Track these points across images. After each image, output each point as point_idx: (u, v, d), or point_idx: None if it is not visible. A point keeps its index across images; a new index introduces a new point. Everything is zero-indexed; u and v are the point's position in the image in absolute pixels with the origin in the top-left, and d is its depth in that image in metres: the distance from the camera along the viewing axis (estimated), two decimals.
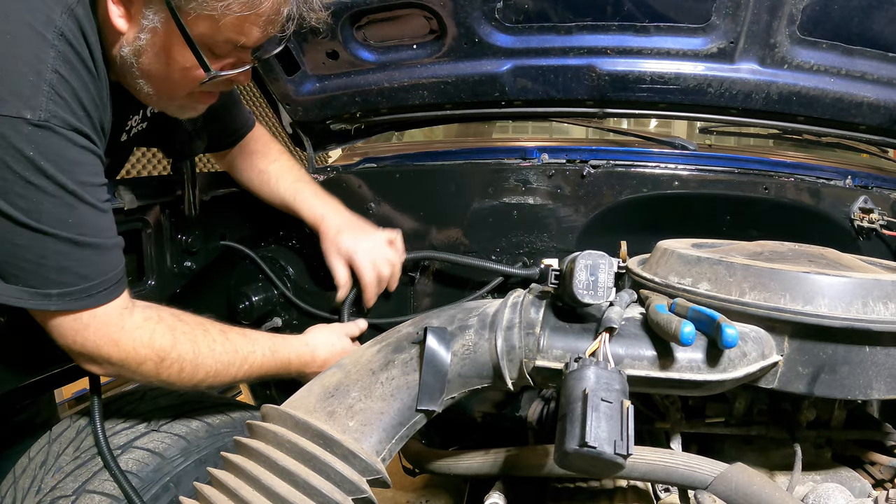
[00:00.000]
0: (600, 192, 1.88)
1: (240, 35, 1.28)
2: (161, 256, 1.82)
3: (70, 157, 1.16)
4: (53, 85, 1.13)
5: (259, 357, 1.47)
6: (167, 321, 1.34)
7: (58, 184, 1.14)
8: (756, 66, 1.76)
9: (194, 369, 1.35)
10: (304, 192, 1.89)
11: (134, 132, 1.63)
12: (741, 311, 1.13)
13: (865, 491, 1.32)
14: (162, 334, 1.31)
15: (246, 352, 1.44)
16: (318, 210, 1.85)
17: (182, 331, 1.35)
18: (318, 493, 1.04)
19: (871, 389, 1.10)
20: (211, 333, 1.40)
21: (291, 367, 1.55)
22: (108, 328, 1.25)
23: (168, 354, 1.31)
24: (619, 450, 0.90)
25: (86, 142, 1.19)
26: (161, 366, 1.31)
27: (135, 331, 1.28)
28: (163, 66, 1.29)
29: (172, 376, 1.33)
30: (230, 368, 1.41)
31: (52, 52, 1.13)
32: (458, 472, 1.50)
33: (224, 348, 1.40)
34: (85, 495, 1.38)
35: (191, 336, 1.36)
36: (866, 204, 1.84)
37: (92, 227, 1.20)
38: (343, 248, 1.78)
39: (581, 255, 1.10)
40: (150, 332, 1.29)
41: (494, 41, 1.85)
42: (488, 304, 1.28)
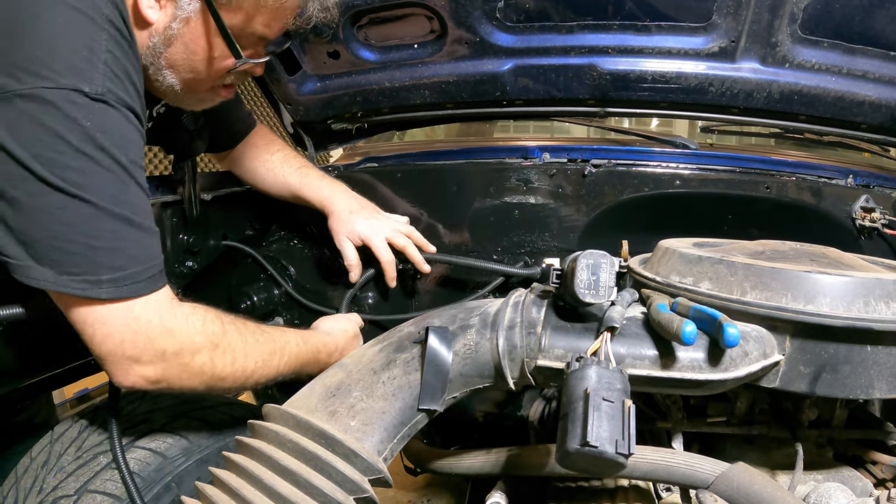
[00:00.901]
0: (602, 191, 1.88)
1: (265, 28, 1.34)
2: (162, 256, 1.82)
3: (125, 133, 1.14)
4: (108, 63, 1.12)
5: (294, 347, 1.42)
6: (212, 312, 1.28)
7: (113, 158, 1.10)
8: (757, 65, 1.76)
9: (245, 359, 1.29)
10: (309, 176, 1.89)
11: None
12: (743, 311, 1.13)
13: (867, 490, 1.32)
14: (212, 321, 1.25)
15: (283, 342, 1.40)
16: (326, 192, 1.85)
17: (227, 321, 1.30)
18: (319, 493, 1.04)
19: (873, 389, 1.10)
20: (248, 326, 1.35)
21: (321, 357, 1.50)
22: (162, 317, 1.17)
23: (220, 341, 1.25)
24: (620, 449, 0.90)
25: (137, 123, 1.18)
26: (215, 354, 1.24)
27: (188, 317, 1.21)
28: (191, 56, 1.32)
29: (227, 367, 1.26)
30: (273, 358, 1.36)
31: (104, 34, 1.13)
32: (459, 471, 1.50)
33: (264, 338, 1.36)
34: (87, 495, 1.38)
35: (234, 325, 1.31)
36: (868, 203, 1.83)
37: (141, 209, 1.16)
38: (356, 228, 1.77)
39: (582, 254, 1.10)
40: (201, 319, 1.24)
41: (495, 40, 1.85)
42: (490, 304, 1.28)
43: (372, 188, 2.09)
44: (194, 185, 1.83)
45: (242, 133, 1.94)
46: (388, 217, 1.85)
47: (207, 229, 1.97)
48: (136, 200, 1.15)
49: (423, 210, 2.04)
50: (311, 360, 1.47)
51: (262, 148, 1.96)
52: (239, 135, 1.93)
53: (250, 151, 1.95)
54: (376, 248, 1.77)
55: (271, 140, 1.99)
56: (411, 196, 2.06)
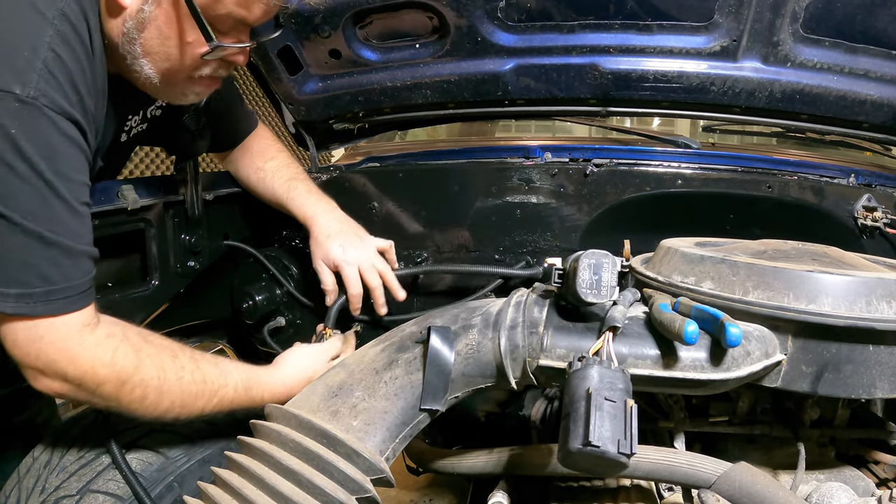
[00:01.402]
0: (603, 190, 1.88)
1: (240, 8, 1.26)
2: (164, 256, 1.83)
3: (53, 143, 1.10)
4: (48, 63, 1.08)
5: (230, 392, 1.35)
6: (132, 340, 1.23)
7: (34, 170, 1.06)
8: (759, 65, 1.76)
9: (158, 397, 1.24)
10: (297, 190, 1.84)
11: (134, 133, 1.62)
12: (745, 310, 1.13)
13: (869, 490, 1.32)
14: (125, 354, 1.20)
15: (217, 385, 1.33)
16: (309, 210, 1.79)
17: (148, 353, 1.24)
18: (321, 493, 1.04)
19: (875, 388, 1.10)
20: (180, 360, 1.29)
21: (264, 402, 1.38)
22: (65, 342, 1.14)
23: (131, 377, 1.19)
24: (622, 449, 0.90)
25: (73, 131, 1.14)
26: (122, 389, 1.19)
27: (95, 348, 1.17)
28: (164, 42, 1.26)
29: (135, 402, 1.22)
30: (198, 401, 1.30)
31: (51, 30, 1.10)
32: (461, 471, 1.50)
33: (193, 377, 1.29)
34: (89, 495, 1.38)
35: (157, 360, 1.24)
36: (870, 202, 1.83)
37: (62, 226, 1.12)
38: (331, 255, 1.71)
39: (584, 254, 1.10)
40: (112, 351, 1.18)
41: (497, 40, 1.85)
42: (492, 304, 1.28)
43: (373, 188, 2.09)
44: (196, 185, 1.83)
45: (242, 134, 1.93)
46: (366, 244, 1.77)
47: (209, 229, 1.97)
48: (58, 217, 1.12)
49: (424, 210, 2.04)
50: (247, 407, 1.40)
51: (257, 154, 1.93)
52: (239, 135, 1.92)
53: (245, 157, 1.93)
54: (345, 278, 1.71)
55: (267, 146, 1.95)
56: (413, 196, 2.05)
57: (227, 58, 1.37)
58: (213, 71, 1.38)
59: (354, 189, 2.11)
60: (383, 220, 2.07)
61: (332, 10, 1.85)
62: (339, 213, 1.82)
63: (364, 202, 2.09)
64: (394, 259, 1.84)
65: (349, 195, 2.11)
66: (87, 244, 1.18)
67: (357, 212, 2.07)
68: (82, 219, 1.16)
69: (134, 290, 1.77)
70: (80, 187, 1.16)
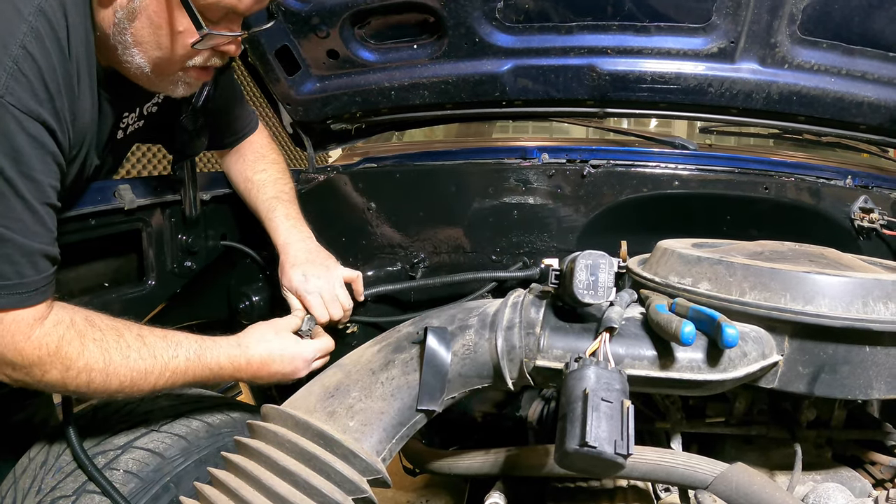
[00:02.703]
0: (600, 191, 1.88)
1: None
2: (161, 256, 1.82)
3: (17, 143, 1.10)
4: (18, 61, 1.08)
5: (182, 362, 1.34)
6: (78, 326, 1.23)
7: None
8: (756, 66, 1.76)
9: (105, 379, 1.24)
10: (276, 212, 1.81)
11: (130, 130, 1.61)
12: (741, 311, 1.13)
13: (866, 491, 1.32)
14: (69, 342, 1.20)
15: (167, 357, 1.31)
16: (281, 236, 1.78)
17: (92, 337, 1.24)
18: (318, 493, 1.04)
19: (872, 389, 1.10)
20: (126, 339, 1.28)
21: (224, 372, 1.42)
22: (14, 336, 1.15)
23: (74, 363, 1.20)
24: (619, 449, 0.90)
25: (40, 131, 1.13)
26: (67, 375, 1.21)
27: (42, 339, 1.18)
28: (156, 31, 1.26)
29: (81, 386, 1.23)
30: (148, 377, 1.29)
31: (25, 26, 1.09)
32: (458, 471, 1.50)
33: (140, 355, 1.28)
34: (85, 495, 1.38)
35: (102, 343, 1.24)
36: (866, 203, 1.84)
37: (19, 224, 1.12)
38: (294, 283, 1.68)
39: (581, 254, 1.10)
40: (57, 340, 1.19)
41: (495, 41, 1.85)
42: (488, 304, 1.28)
43: (371, 189, 2.09)
44: (193, 185, 1.83)
45: (243, 135, 1.92)
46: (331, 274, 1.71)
47: (206, 229, 1.97)
48: (14, 214, 1.12)
49: (421, 211, 2.04)
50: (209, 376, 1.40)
51: (249, 164, 1.91)
52: (239, 135, 1.91)
53: (238, 163, 1.92)
54: (309, 307, 1.67)
55: (261, 156, 1.93)
56: (410, 197, 2.05)
57: (219, 48, 1.36)
58: (205, 61, 1.37)
59: (351, 190, 2.11)
60: (380, 221, 2.07)
61: (329, 11, 1.85)
62: (311, 243, 1.79)
63: (361, 203, 2.09)
64: (360, 290, 1.80)
65: (346, 196, 2.11)
66: (46, 243, 1.19)
67: (354, 212, 2.08)
68: (42, 219, 1.17)
69: (130, 291, 1.77)
70: (43, 188, 1.16)
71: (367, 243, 2.09)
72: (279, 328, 1.54)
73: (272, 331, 1.52)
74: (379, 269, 2.06)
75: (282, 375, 1.50)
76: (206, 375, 1.39)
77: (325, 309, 1.67)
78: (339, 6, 1.83)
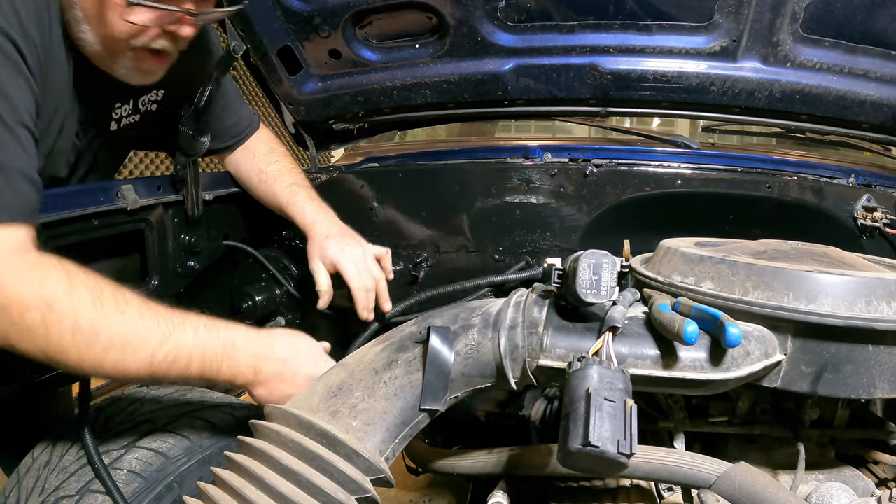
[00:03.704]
0: (603, 190, 1.88)
1: None
2: (164, 256, 1.83)
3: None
4: None
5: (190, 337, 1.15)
6: (68, 267, 1.08)
7: None
8: (759, 65, 1.76)
9: (93, 329, 1.05)
10: (298, 196, 1.83)
11: (125, 123, 1.60)
12: (744, 310, 1.13)
13: (869, 490, 1.32)
14: (57, 280, 1.05)
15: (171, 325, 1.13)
16: (309, 215, 1.78)
17: (82, 280, 1.08)
18: (321, 493, 1.04)
19: (875, 388, 1.10)
20: (125, 295, 1.12)
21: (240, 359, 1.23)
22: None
23: (59, 304, 1.03)
24: (622, 449, 0.90)
25: (10, 49, 1.08)
26: (49, 317, 1.02)
27: (25, 272, 1.03)
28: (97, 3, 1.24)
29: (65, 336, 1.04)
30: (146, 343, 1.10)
31: None
32: (461, 471, 1.50)
33: (140, 312, 1.11)
34: (89, 495, 1.38)
35: (94, 289, 1.08)
36: (870, 202, 1.83)
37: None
38: (328, 253, 1.68)
39: (584, 254, 1.10)
40: (41, 275, 1.04)
41: (497, 40, 1.85)
42: (491, 304, 1.28)
43: (373, 188, 2.09)
44: (196, 185, 1.83)
45: (244, 135, 1.93)
46: (364, 248, 1.73)
47: (209, 229, 1.97)
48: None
49: (424, 210, 2.04)
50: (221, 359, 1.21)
51: (261, 157, 1.92)
52: (241, 136, 1.92)
53: (248, 158, 1.93)
54: (346, 273, 1.65)
55: (271, 149, 1.95)
56: (413, 196, 2.06)
57: (167, 27, 1.31)
58: (150, 41, 1.32)
59: (354, 189, 2.11)
60: (383, 221, 2.07)
61: (331, 11, 1.85)
62: (338, 221, 1.81)
63: (364, 202, 2.09)
64: (389, 267, 1.81)
65: (349, 195, 2.11)
66: (23, 163, 1.09)
67: (357, 212, 2.08)
68: (18, 138, 1.08)
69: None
70: (16, 107, 1.09)
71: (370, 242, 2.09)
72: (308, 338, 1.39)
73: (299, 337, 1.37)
74: None
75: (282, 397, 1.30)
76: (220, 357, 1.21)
77: (361, 277, 1.67)
78: (341, 6, 1.83)
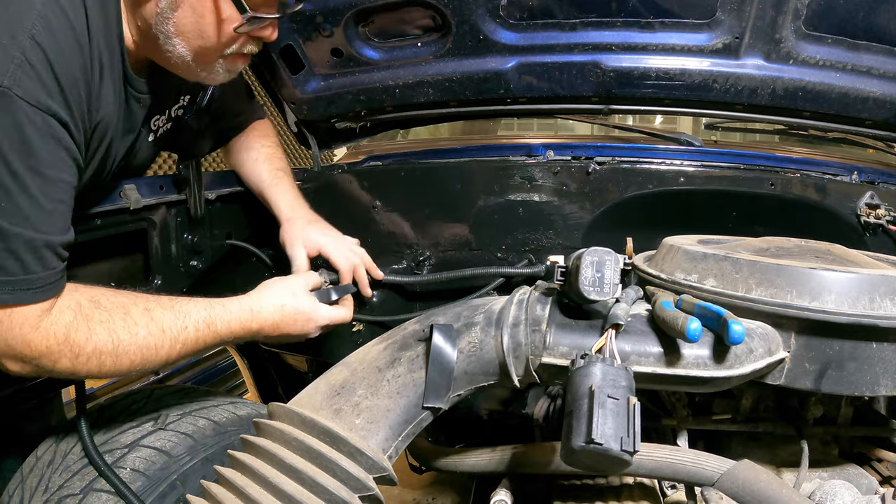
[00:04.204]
0: (606, 188, 1.88)
1: None
2: (167, 256, 1.83)
3: (25, 135, 1.07)
4: (26, 51, 1.06)
5: (192, 333, 1.33)
6: (84, 310, 1.21)
7: (2, 160, 1.05)
8: (761, 62, 1.76)
9: (115, 360, 1.23)
10: (282, 181, 1.87)
11: (161, 132, 1.63)
12: (748, 308, 1.12)
13: (872, 488, 1.31)
14: (77, 328, 1.19)
15: (176, 330, 1.31)
16: (290, 201, 1.83)
17: (99, 319, 1.22)
18: (324, 491, 1.04)
19: (879, 386, 1.10)
20: (132, 316, 1.26)
21: (235, 336, 1.42)
22: (22, 329, 1.14)
23: (83, 349, 1.19)
24: (625, 446, 0.90)
25: (52, 124, 1.11)
26: (77, 362, 1.19)
27: (49, 328, 1.16)
28: (199, 20, 1.29)
29: (93, 370, 1.22)
30: (160, 351, 1.29)
31: (35, 15, 1.07)
32: (464, 469, 1.50)
33: (148, 331, 1.27)
34: (92, 494, 1.38)
35: (109, 325, 1.23)
36: (873, 199, 1.83)
37: (23, 220, 1.10)
38: (311, 237, 1.73)
39: (587, 251, 1.10)
40: (65, 328, 1.17)
41: (499, 38, 1.85)
42: (494, 302, 1.28)
43: (376, 187, 2.09)
44: (199, 184, 1.83)
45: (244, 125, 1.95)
46: (342, 236, 1.82)
47: (212, 229, 1.97)
48: (21, 210, 1.10)
49: (427, 208, 2.04)
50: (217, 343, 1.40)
51: (255, 138, 1.95)
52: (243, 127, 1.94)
53: (242, 137, 1.95)
54: (333, 255, 1.73)
55: (267, 134, 1.98)
56: (415, 194, 2.06)
57: (256, 33, 1.39)
58: (241, 47, 1.39)
59: (356, 188, 2.11)
60: (385, 219, 2.07)
61: (333, 9, 1.85)
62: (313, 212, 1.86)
63: (366, 201, 2.09)
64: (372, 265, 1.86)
65: (351, 194, 2.11)
66: (54, 238, 1.15)
67: (359, 211, 2.08)
68: (50, 215, 1.14)
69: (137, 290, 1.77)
70: (52, 183, 1.14)
71: (373, 241, 2.09)
72: (295, 289, 1.52)
73: (288, 292, 1.51)
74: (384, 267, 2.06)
75: (293, 338, 1.53)
76: (218, 341, 1.40)
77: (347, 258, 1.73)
78: (343, 4, 1.83)
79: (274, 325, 1.46)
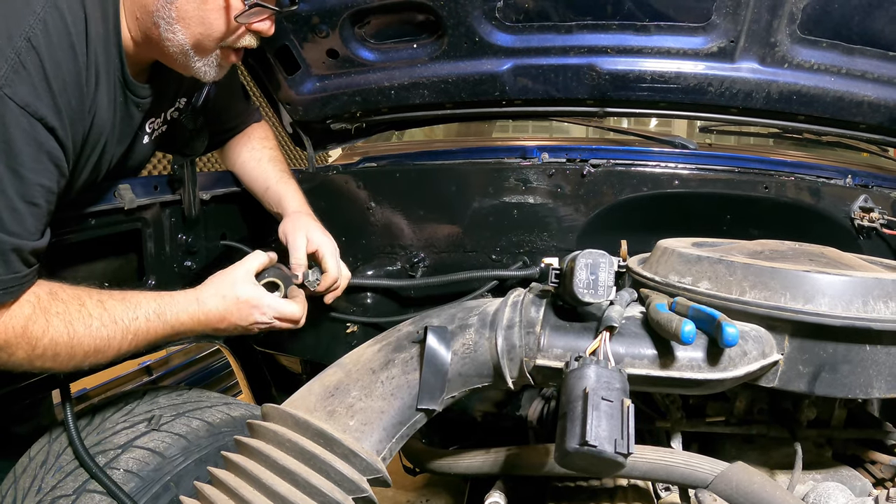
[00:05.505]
0: (600, 191, 1.88)
1: None
2: (161, 256, 1.82)
3: (9, 135, 1.08)
4: (21, 53, 1.06)
5: (143, 324, 1.34)
6: (42, 302, 1.23)
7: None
8: (756, 65, 1.76)
9: (70, 351, 1.24)
10: (289, 184, 1.88)
11: (156, 135, 1.63)
12: (742, 310, 1.13)
13: (866, 490, 1.32)
14: (35, 321, 1.20)
15: (127, 321, 1.32)
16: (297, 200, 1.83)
17: (55, 311, 1.23)
18: (318, 493, 1.04)
19: (872, 388, 1.10)
20: (87, 307, 1.28)
21: (185, 327, 1.41)
22: None
23: (40, 341, 1.20)
24: (619, 448, 0.90)
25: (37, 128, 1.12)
26: (34, 354, 1.21)
27: (8, 322, 1.17)
28: (200, 5, 1.31)
29: (47, 362, 1.23)
30: (112, 342, 1.30)
31: (32, 19, 1.08)
32: (458, 471, 1.50)
33: (102, 322, 1.28)
34: (85, 495, 1.38)
35: (65, 316, 1.24)
36: (866, 203, 1.84)
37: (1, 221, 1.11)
38: (313, 235, 1.71)
39: (581, 253, 1.10)
40: (23, 321, 1.19)
41: (494, 40, 1.85)
42: (488, 303, 1.28)
43: (370, 188, 2.09)
44: (193, 184, 1.83)
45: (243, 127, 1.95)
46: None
47: (206, 229, 1.97)
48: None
49: (421, 210, 2.04)
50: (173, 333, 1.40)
51: (258, 140, 1.96)
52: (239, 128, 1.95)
53: (243, 138, 1.96)
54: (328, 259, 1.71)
55: (268, 136, 1.99)
56: (410, 196, 2.06)
57: (254, 25, 1.40)
58: (237, 40, 1.41)
59: (351, 189, 2.11)
60: (380, 221, 2.07)
61: (329, 10, 1.85)
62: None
63: (361, 202, 2.09)
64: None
65: (346, 195, 2.11)
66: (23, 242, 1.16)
67: (354, 212, 2.08)
68: (21, 217, 1.14)
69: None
70: (30, 186, 1.14)
71: (367, 243, 2.10)
72: (236, 278, 1.49)
73: (228, 281, 1.48)
74: (379, 269, 2.07)
75: (241, 329, 1.49)
76: (170, 332, 1.39)
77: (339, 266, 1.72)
78: (339, 5, 1.83)
79: (220, 315, 1.45)
